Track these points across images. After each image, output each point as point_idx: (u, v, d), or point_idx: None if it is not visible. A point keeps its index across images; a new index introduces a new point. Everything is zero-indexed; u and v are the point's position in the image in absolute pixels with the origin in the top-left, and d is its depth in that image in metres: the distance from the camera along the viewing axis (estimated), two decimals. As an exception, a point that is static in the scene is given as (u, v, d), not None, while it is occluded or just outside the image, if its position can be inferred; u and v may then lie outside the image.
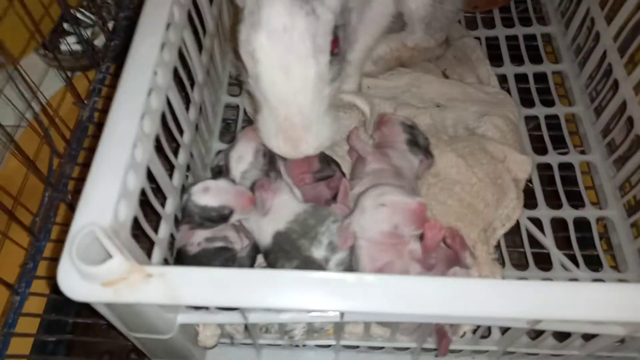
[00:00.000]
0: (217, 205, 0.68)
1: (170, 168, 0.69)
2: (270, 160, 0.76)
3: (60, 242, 0.83)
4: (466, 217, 0.80)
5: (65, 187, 0.87)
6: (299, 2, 0.61)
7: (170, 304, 0.43)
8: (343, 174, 0.81)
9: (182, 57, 0.70)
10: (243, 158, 0.75)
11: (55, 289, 0.61)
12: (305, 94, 0.64)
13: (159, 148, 0.61)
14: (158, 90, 0.59)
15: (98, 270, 0.42)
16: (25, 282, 0.79)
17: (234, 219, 0.70)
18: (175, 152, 0.71)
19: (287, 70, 0.63)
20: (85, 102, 0.95)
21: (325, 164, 0.80)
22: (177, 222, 0.71)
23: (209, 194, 0.68)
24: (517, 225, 0.84)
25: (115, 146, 0.50)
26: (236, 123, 0.97)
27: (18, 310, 0.78)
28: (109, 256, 0.43)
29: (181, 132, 0.72)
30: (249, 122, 0.94)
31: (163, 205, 0.66)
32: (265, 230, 0.70)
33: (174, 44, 0.67)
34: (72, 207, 0.87)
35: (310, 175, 0.78)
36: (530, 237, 0.85)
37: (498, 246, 0.83)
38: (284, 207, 0.70)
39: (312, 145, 0.68)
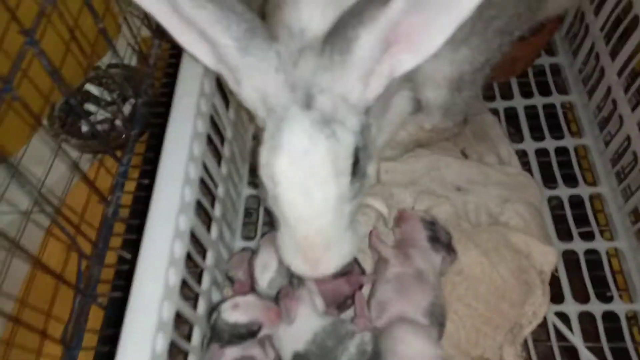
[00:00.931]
0: (247, 321, 0.69)
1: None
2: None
3: (92, 349, 0.85)
4: (493, 320, 0.79)
5: (94, 290, 0.89)
6: (319, 126, 0.61)
7: None
8: (362, 270, 0.82)
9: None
10: (268, 266, 0.75)
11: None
12: (325, 216, 0.64)
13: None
14: (187, 207, 0.64)
15: None
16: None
17: (262, 333, 0.71)
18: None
19: (308, 193, 0.63)
20: (109, 198, 0.96)
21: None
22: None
23: (238, 311, 0.69)
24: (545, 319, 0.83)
25: (151, 274, 0.55)
26: (258, 213, 0.98)
27: None
28: None
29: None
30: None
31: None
32: (285, 349, 0.71)
33: (198, 158, 0.69)
34: (104, 308, 0.89)
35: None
36: (558, 330, 0.84)
37: (525, 342, 0.82)
38: (303, 323, 0.71)
39: (333, 265, 0.67)
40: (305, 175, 0.62)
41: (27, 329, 0.73)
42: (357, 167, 0.64)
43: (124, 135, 1.05)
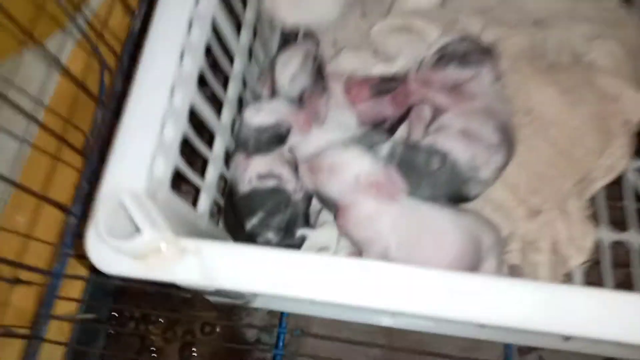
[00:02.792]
0: (273, 122, 0.61)
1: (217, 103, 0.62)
2: (319, 70, 0.66)
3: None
4: (559, 164, 0.68)
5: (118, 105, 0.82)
6: None
7: (206, 285, 0.38)
8: (412, 92, 0.71)
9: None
10: (291, 60, 0.66)
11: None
12: None
13: (202, 81, 0.53)
14: (200, 18, 0.50)
15: (127, 245, 0.37)
16: (79, 203, 0.78)
17: (292, 140, 0.63)
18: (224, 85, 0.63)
19: None
20: (135, 12, 0.86)
21: (386, 80, 0.70)
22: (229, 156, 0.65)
23: (262, 112, 0.62)
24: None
25: (150, 91, 0.43)
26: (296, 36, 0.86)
27: (75, 230, 0.78)
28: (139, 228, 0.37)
29: (231, 60, 0.63)
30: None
31: (210, 144, 0.59)
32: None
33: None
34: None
35: (368, 87, 0.68)
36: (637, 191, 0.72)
37: (593, 199, 0.71)
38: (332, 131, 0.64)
39: None
40: None
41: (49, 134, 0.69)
42: None
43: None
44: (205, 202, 0.56)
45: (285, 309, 0.75)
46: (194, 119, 0.51)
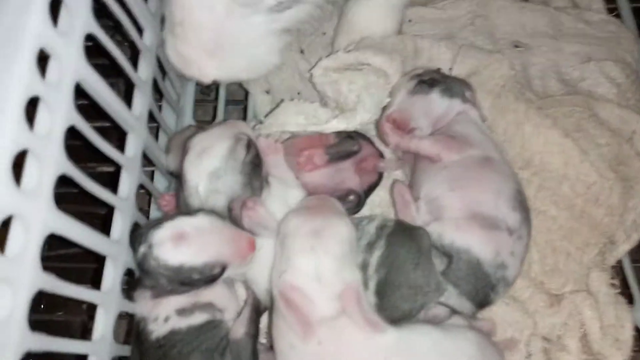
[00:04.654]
0: (202, 263, 0.41)
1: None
2: (255, 162, 0.47)
3: None
4: (579, 234, 0.52)
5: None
6: None
7: None
8: (380, 152, 0.53)
9: None
10: (210, 150, 0.45)
11: None
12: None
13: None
14: None
15: None
16: None
17: (225, 275, 0.43)
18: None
19: None
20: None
21: (344, 139, 0.52)
22: (130, 285, 0.44)
23: (185, 246, 0.41)
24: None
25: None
26: (217, 87, 0.66)
27: None
28: None
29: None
30: (235, 85, 0.64)
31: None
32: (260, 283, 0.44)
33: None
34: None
35: (323, 152, 0.50)
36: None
37: (617, 266, 0.56)
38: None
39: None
40: None
41: None
42: None
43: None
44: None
45: None
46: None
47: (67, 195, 0.40)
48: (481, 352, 0.40)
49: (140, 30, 0.49)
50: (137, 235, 0.42)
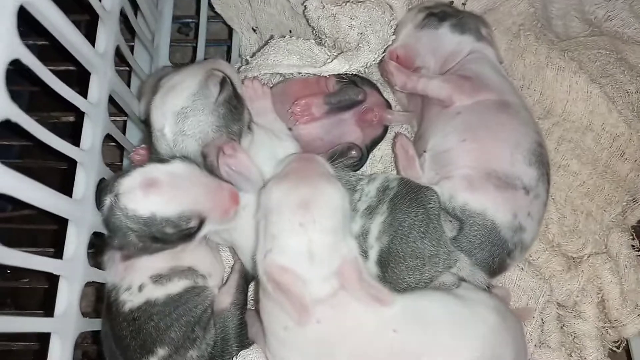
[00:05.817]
0: (176, 213, 0.35)
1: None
2: (232, 101, 0.39)
3: None
4: (602, 191, 0.47)
5: None
6: None
7: None
8: (387, 102, 0.47)
9: None
10: (177, 87, 0.38)
11: None
12: None
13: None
14: None
15: None
16: None
17: (203, 233, 0.37)
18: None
19: None
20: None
21: (347, 85, 0.46)
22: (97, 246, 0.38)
23: (156, 193, 0.35)
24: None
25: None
26: (197, 24, 0.58)
27: None
28: None
29: None
30: (217, 21, 0.57)
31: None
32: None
33: None
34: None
35: (322, 101, 0.44)
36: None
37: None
38: None
39: None
40: None
41: None
42: None
43: None
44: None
45: None
46: None
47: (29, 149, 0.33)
48: (502, 319, 0.36)
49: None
50: (102, 187, 0.36)
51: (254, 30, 0.54)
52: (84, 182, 0.37)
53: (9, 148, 0.53)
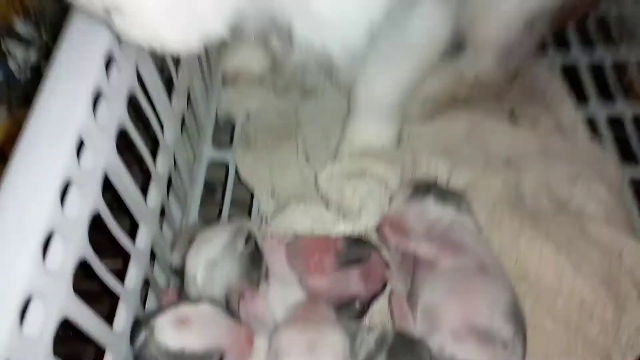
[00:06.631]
0: (202, 349, 0.41)
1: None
2: (254, 254, 0.48)
3: None
4: (575, 350, 0.52)
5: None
6: None
7: None
8: (386, 262, 0.55)
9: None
10: (210, 241, 0.47)
11: None
12: None
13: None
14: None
15: None
16: None
17: None
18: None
19: None
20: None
21: (354, 245, 0.53)
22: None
23: (187, 330, 0.41)
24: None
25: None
26: (224, 188, 0.69)
27: None
28: None
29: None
30: (241, 187, 0.67)
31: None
32: None
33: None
34: None
35: (333, 258, 0.51)
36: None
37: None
38: None
39: None
40: None
41: None
42: None
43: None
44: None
45: None
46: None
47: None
48: None
49: (161, 125, 0.53)
50: (137, 323, 0.43)
51: (272, 197, 0.64)
52: (124, 317, 0.43)
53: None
